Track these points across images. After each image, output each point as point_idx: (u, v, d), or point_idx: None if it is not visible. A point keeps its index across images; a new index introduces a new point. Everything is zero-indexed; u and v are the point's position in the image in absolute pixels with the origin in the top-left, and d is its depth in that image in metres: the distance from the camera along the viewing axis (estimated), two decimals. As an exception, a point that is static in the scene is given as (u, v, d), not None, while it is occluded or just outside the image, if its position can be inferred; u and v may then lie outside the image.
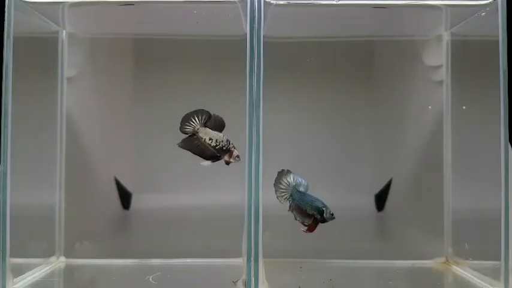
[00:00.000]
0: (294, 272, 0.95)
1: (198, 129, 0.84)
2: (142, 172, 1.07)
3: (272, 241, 0.93)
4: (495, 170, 0.81)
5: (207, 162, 0.85)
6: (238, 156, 0.85)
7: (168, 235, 1.03)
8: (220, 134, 0.85)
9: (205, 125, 0.84)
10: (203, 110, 0.84)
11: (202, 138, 0.84)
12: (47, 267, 0.96)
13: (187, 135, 0.84)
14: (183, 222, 1.03)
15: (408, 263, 1.01)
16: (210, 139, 0.84)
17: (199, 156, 0.85)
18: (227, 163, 0.85)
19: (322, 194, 1.05)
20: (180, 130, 0.84)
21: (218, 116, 0.84)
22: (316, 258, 1.00)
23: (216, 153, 0.85)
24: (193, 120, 0.84)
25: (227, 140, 0.85)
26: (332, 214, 0.83)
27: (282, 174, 0.83)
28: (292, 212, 0.83)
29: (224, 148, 0.85)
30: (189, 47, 1.05)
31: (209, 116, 0.84)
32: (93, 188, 1.05)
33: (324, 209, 0.82)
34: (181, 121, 0.84)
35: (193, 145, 0.84)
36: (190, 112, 0.84)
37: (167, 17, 0.98)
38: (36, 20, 0.93)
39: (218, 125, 0.85)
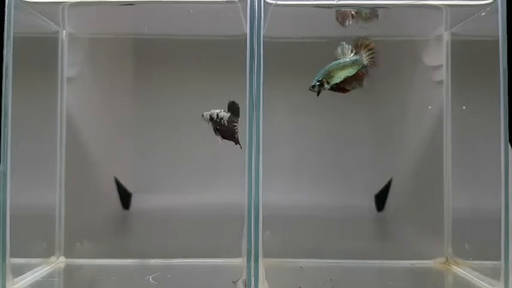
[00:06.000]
0: (294, 272, 0.95)
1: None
2: (143, 172, 1.07)
3: (272, 241, 0.93)
4: (495, 170, 0.81)
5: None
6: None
7: (168, 235, 1.03)
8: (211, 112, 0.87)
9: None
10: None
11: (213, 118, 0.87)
12: (47, 267, 0.96)
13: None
14: (183, 222, 1.03)
15: (408, 263, 1.00)
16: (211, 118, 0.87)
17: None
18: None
19: (322, 193, 1.05)
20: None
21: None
22: (316, 258, 1.00)
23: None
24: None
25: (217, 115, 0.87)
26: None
27: None
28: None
29: (222, 121, 0.87)
30: (189, 47, 1.05)
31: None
32: (93, 188, 1.05)
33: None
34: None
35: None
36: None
37: (167, 16, 0.98)
38: (36, 20, 0.93)
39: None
